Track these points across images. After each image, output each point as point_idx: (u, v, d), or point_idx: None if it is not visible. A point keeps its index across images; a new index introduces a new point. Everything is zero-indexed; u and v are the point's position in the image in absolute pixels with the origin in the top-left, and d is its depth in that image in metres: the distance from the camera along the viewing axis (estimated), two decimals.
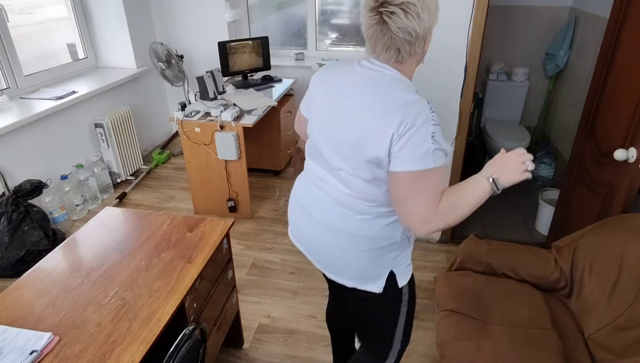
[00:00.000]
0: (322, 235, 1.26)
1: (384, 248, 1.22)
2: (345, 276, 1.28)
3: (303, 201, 1.32)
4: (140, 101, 3.83)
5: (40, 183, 2.64)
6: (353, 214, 1.19)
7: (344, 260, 1.25)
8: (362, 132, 1.08)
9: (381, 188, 1.14)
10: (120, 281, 1.37)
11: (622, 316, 1.48)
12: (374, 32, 1.05)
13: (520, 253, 1.84)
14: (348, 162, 1.14)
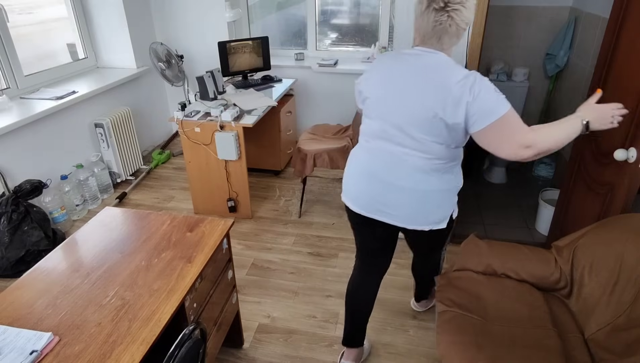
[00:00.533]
0: (405, 197, 1.50)
1: (452, 195, 1.55)
2: (424, 224, 1.55)
3: (381, 174, 1.52)
4: (140, 101, 3.83)
5: (40, 183, 2.64)
6: (432, 175, 1.47)
7: (426, 211, 1.52)
8: (438, 106, 1.33)
9: (450, 148, 1.44)
10: (120, 281, 1.37)
11: (622, 316, 1.49)
12: (442, 27, 1.35)
13: (520, 253, 1.84)
14: (428, 132, 1.40)
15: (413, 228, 1.55)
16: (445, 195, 1.52)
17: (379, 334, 2.09)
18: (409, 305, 2.26)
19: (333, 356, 1.98)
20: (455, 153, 1.48)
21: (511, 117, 1.30)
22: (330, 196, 3.29)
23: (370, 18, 3.89)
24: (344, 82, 3.83)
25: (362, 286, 1.85)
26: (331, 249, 2.70)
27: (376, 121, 1.50)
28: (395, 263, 2.56)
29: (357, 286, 1.85)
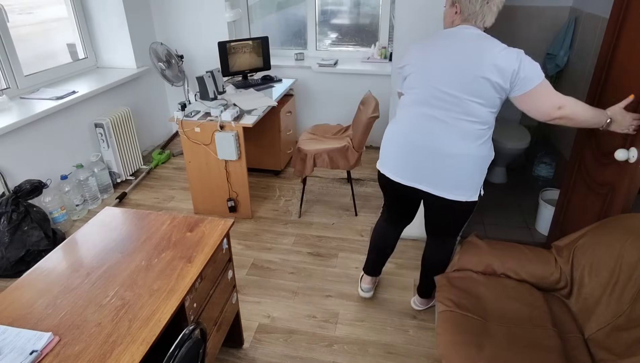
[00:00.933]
0: (453, 164, 1.63)
1: (486, 164, 1.66)
2: (457, 193, 1.67)
3: (425, 141, 1.64)
4: (140, 101, 3.83)
5: (40, 183, 2.64)
6: (475, 141, 1.61)
7: (468, 178, 1.65)
8: (485, 67, 1.52)
9: (491, 112, 1.60)
10: (120, 281, 1.37)
11: (622, 316, 1.49)
12: (488, 6, 1.62)
13: (520, 253, 1.84)
14: (473, 93, 1.56)
15: (441, 195, 1.68)
16: (483, 162, 1.65)
17: (379, 334, 2.09)
18: (409, 305, 2.27)
19: (333, 356, 1.99)
20: (493, 119, 1.63)
21: (547, 83, 1.53)
22: (330, 196, 3.29)
23: (370, 18, 3.89)
24: (344, 82, 3.83)
25: (387, 232, 2.13)
26: (331, 249, 2.70)
27: (422, 90, 1.64)
28: (395, 263, 2.56)
29: (381, 233, 2.14)
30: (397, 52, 2.25)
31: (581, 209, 2.13)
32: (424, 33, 2.16)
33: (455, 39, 1.62)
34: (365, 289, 2.28)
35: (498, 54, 1.52)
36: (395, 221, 2.10)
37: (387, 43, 3.88)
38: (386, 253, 2.19)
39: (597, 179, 1.98)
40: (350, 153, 2.80)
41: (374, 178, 3.54)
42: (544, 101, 1.54)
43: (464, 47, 1.58)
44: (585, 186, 2.08)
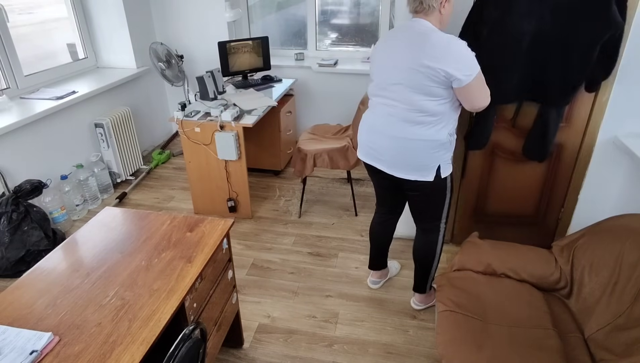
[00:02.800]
0: (390, 144, 1.79)
1: (434, 148, 1.74)
2: (410, 173, 1.80)
3: (377, 126, 1.83)
4: (140, 101, 3.83)
5: (40, 183, 2.64)
6: (414, 126, 1.72)
7: (406, 158, 1.78)
8: (423, 57, 1.60)
9: (433, 102, 1.67)
10: (120, 281, 1.37)
11: (622, 316, 1.49)
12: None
13: (520, 253, 1.84)
14: (412, 85, 1.66)
15: (399, 176, 1.83)
16: (425, 145, 1.74)
17: (379, 334, 2.09)
18: (409, 305, 2.27)
19: (333, 356, 1.99)
20: (440, 110, 1.69)
21: (481, 74, 1.62)
22: (330, 196, 3.29)
23: (370, 18, 3.89)
24: (344, 82, 3.83)
25: (380, 224, 2.24)
26: (331, 249, 2.70)
27: (375, 82, 1.82)
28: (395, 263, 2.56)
29: (375, 225, 2.25)
30: None
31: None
32: None
33: (404, 32, 1.73)
34: (372, 282, 2.40)
35: (436, 43, 1.60)
36: (385, 212, 2.19)
37: None
38: (384, 246, 2.29)
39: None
40: (350, 153, 2.80)
41: None
42: (476, 95, 1.65)
43: (407, 40, 1.69)
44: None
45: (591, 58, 1.86)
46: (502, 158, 2.35)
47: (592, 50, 1.84)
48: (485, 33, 1.98)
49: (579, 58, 1.87)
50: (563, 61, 1.90)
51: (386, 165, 1.85)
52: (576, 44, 1.85)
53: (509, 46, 1.97)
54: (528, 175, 2.34)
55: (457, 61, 1.58)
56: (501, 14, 1.93)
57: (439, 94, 1.65)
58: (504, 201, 2.47)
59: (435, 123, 1.71)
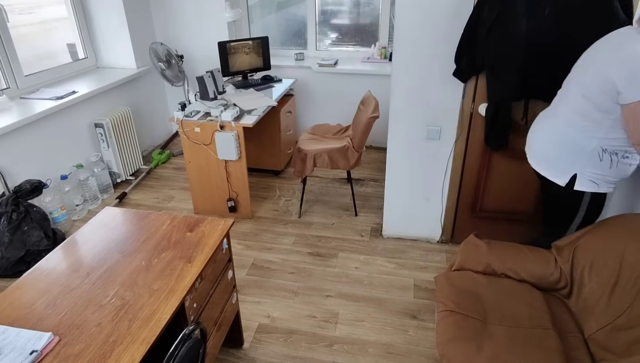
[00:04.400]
0: (538, 137, 1.81)
1: (574, 151, 1.66)
2: (542, 166, 1.79)
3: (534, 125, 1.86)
4: (140, 101, 3.83)
5: (40, 183, 2.64)
6: (568, 126, 1.67)
7: (548, 156, 1.76)
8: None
9: (593, 110, 1.57)
10: (120, 281, 1.37)
11: (622, 316, 1.49)
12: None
13: (520, 253, 1.84)
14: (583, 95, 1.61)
15: (537, 170, 1.81)
16: (565, 146, 1.68)
17: (379, 334, 2.09)
18: (409, 305, 2.27)
19: (333, 356, 1.99)
20: (597, 117, 1.57)
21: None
22: (330, 196, 3.29)
23: (370, 18, 3.89)
24: (344, 82, 3.83)
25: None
26: (331, 249, 2.70)
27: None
28: (395, 263, 2.56)
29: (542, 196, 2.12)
30: (397, 52, 2.25)
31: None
32: (424, 33, 2.16)
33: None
34: None
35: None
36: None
37: (387, 43, 3.88)
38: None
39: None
40: (350, 153, 2.80)
41: (374, 178, 3.54)
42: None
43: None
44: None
45: None
46: (501, 155, 2.35)
47: None
48: (485, 33, 1.98)
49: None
50: (565, 59, 1.90)
51: (532, 160, 1.87)
52: (578, 42, 1.84)
53: (509, 45, 1.97)
54: (528, 173, 2.34)
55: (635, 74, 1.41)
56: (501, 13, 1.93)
57: (603, 107, 1.54)
58: (504, 199, 2.47)
59: (588, 130, 1.60)
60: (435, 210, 2.63)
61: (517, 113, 2.20)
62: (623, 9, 1.77)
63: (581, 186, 1.69)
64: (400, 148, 2.49)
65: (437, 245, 2.71)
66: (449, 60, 2.17)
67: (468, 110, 2.30)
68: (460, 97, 2.28)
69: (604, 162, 1.62)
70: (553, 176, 1.75)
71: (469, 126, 2.34)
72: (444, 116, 2.35)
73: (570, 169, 1.69)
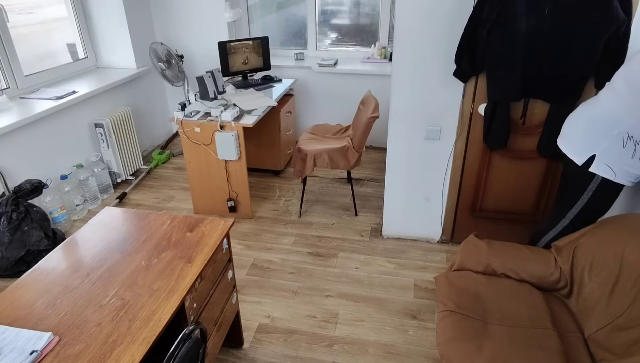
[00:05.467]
0: (572, 121, 1.82)
1: (600, 132, 1.66)
2: (568, 147, 1.79)
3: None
4: (140, 101, 3.83)
5: (40, 183, 2.64)
6: (590, 105, 1.74)
7: (575, 134, 1.78)
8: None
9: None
10: (120, 281, 1.37)
11: (622, 316, 1.49)
12: None
13: (520, 253, 1.84)
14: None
15: (561, 147, 1.82)
16: (594, 124, 1.69)
17: (379, 334, 2.09)
18: (409, 305, 2.27)
19: (333, 356, 1.99)
20: (634, 103, 1.57)
21: None
22: (330, 196, 3.29)
23: (370, 18, 3.89)
24: (344, 82, 3.83)
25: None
26: (331, 249, 2.70)
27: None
28: (396, 263, 2.56)
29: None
30: (397, 52, 2.25)
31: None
32: (424, 33, 2.16)
33: None
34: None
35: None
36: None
37: (387, 43, 3.88)
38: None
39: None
40: (350, 153, 2.80)
41: (374, 177, 3.54)
42: None
43: None
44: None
45: (593, 55, 1.86)
46: (501, 155, 2.35)
47: (594, 47, 1.84)
48: (485, 33, 1.99)
49: (581, 56, 1.87)
50: (564, 59, 1.90)
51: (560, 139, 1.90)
52: (577, 41, 1.84)
53: (509, 45, 1.97)
54: (528, 172, 2.35)
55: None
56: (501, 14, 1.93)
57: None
58: (503, 199, 2.47)
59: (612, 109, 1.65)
60: (435, 210, 2.63)
61: (516, 113, 2.20)
62: (622, 9, 1.77)
63: (597, 169, 1.69)
64: (400, 148, 2.49)
65: (437, 245, 2.71)
66: (449, 60, 2.17)
67: (468, 110, 2.30)
68: (460, 97, 2.28)
69: (627, 149, 1.61)
70: (573, 153, 1.75)
71: (469, 126, 2.34)
72: (444, 116, 2.35)
73: (591, 149, 1.69)
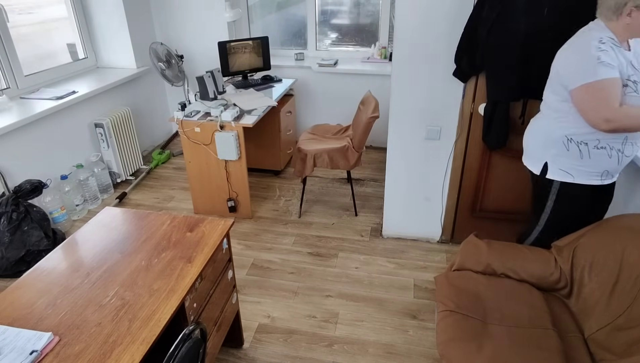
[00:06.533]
0: (526, 135, 1.89)
1: (544, 141, 1.76)
2: (526, 159, 1.89)
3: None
4: (140, 101, 3.83)
5: (40, 183, 2.64)
6: (542, 119, 1.79)
7: (526, 141, 1.88)
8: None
9: (558, 101, 1.67)
10: (120, 281, 1.37)
11: (622, 316, 1.49)
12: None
13: (520, 253, 1.84)
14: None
15: (523, 161, 1.90)
16: (538, 136, 1.79)
17: (379, 334, 2.09)
18: (409, 305, 2.27)
19: (333, 356, 1.99)
20: (561, 107, 1.67)
21: (594, 92, 1.51)
22: (330, 196, 3.29)
23: (370, 18, 3.89)
24: (344, 82, 3.83)
25: None
26: (331, 249, 2.70)
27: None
28: (396, 263, 2.56)
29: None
30: (397, 52, 2.25)
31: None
32: (424, 33, 2.16)
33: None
34: None
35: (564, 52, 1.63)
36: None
37: (387, 43, 3.88)
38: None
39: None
40: (350, 153, 2.80)
41: (374, 177, 3.54)
42: (591, 107, 1.54)
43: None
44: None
45: None
46: (501, 155, 2.35)
47: None
48: (485, 33, 1.98)
49: None
50: None
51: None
52: None
53: (508, 45, 1.97)
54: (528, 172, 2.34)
55: (572, 62, 1.57)
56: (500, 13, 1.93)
57: (564, 96, 1.64)
58: (503, 199, 2.47)
59: (556, 120, 1.70)
60: (435, 210, 2.63)
61: (515, 113, 2.20)
62: None
63: (552, 175, 1.76)
64: (400, 148, 2.50)
65: (437, 245, 2.71)
66: (449, 60, 2.17)
67: (468, 110, 2.30)
68: (460, 97, 2.28)
69: (572, 152, 1.68)
70: (530, 164, 1.84)
71: (469, 126, 2.34)
72: (444, 116, 2.35)
73: (542, 158, 1.78)
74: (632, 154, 1.67)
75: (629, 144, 1.64)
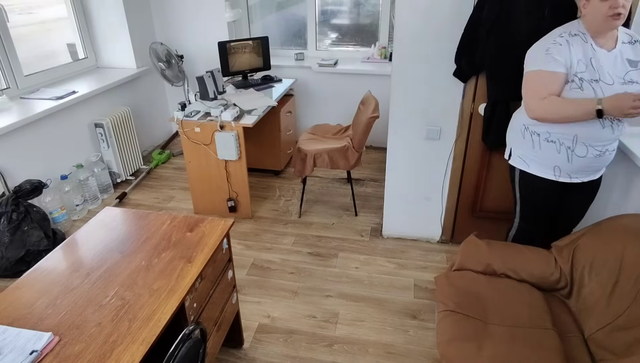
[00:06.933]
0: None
1: (515, 130, 1.85)
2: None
3: None
4: (140, 101, 3.83)
5: (40, 183, 2.64)
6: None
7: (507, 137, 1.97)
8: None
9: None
10: (120, 281, 1.37)
11: (622, 316, 1.49)
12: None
13: (520, 253, 1.84)
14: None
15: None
16: (511, 123, 1.90)
17: (379, 334, 2.09)
18: (409, 305, 2.27)
19: (333, 356, 1.99)
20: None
21: (533, 79, 1.61)
22: (330, 196, 3.29)
23: (370, 18, 3.89)
24: (344, 82, 3.83)
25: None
26: (331, 249, 2.70)
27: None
28: (396, 263, 2.56)
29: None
30: (397, 52, 2.25)
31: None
32: (424, 33, 2.16)
33: None
34: None
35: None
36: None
37: (387, 43, 3.88)
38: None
39: None
40: (350, 153, 2.80)
41: (374, 178, 3.54)
42: (525, 94, 1.67)
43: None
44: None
45: None
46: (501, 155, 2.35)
47: None
48: (485, 33, 1.99)
49: None
50: None
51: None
52: None
53: (508, 45, 1.97)
54: None
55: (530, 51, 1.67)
56: (500, 13, 1.93)
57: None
58: (504, 199, 2.47)
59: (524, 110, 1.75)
60: (435, 210, 2.63)
61: None
62: None
63: (513, 161, 1.88)
64: (400, 148, 2.50)
65: (437, 245, 2.71)
66: (449, 60, 2.17)
67: (468, 110, 2.30)
68: (460, 97, 2.28)
69: (526, 140, 1.78)
70: (505, 152, 1.95)
71: (469, 126, 2.34)
72: (444, 116, 2.35)
73: (509, 143, 1.90)
74: (586, 156, 1.67)
75: (581, 145, 1.65)
